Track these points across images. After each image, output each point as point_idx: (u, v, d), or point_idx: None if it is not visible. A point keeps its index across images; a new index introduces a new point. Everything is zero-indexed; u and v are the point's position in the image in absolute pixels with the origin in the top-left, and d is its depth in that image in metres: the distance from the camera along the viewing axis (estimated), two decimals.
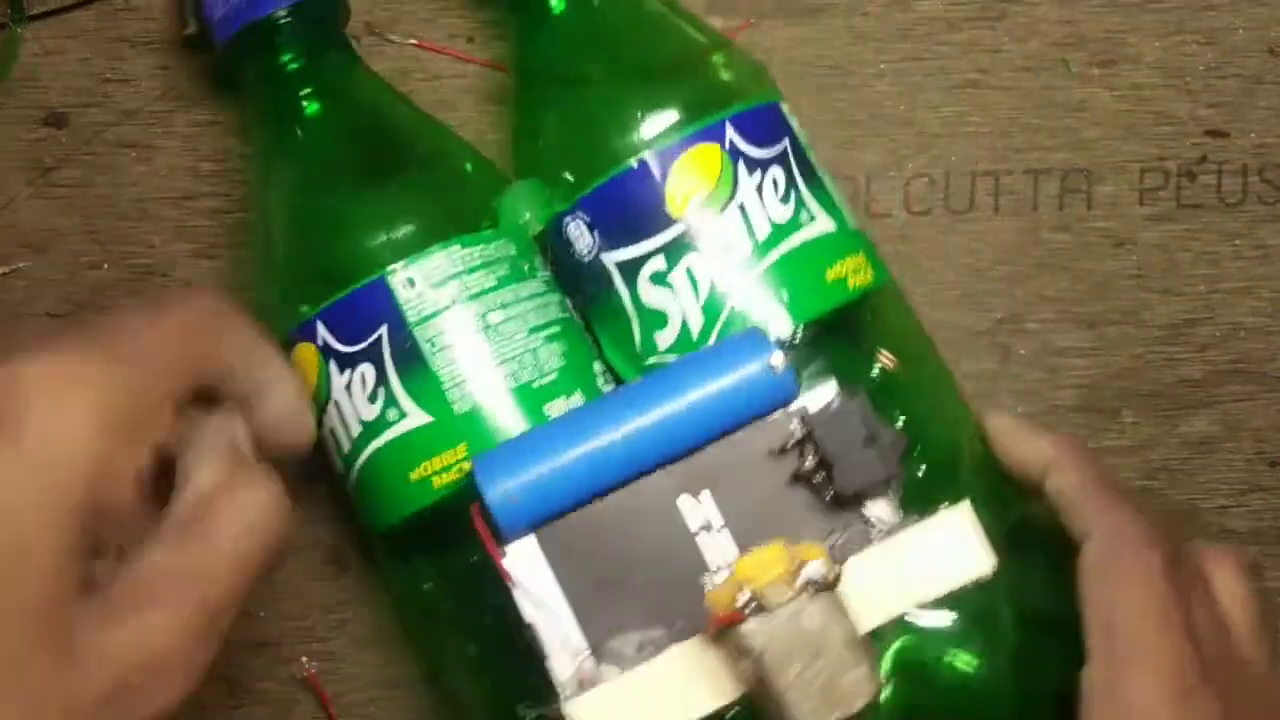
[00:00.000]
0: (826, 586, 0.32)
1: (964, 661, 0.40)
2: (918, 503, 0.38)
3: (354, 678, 0.49)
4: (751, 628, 0.31)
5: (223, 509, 0.33)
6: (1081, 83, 0.50)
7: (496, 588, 0.38)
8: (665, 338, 0.42)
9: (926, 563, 0.36)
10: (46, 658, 0.30)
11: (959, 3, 0.50)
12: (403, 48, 0.49)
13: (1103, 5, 0.50)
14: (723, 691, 0.34)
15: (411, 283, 0.41)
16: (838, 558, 0.35)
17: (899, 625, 0.38)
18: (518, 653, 0.38)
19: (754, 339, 0.38)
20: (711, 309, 0.41)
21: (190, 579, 0.32)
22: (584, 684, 0.35)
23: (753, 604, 0.31)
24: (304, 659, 0.50)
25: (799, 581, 0.31)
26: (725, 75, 0.43)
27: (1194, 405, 0.50)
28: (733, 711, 0.35)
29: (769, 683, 0.31)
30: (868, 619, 0.35)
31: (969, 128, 0.50)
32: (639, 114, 0.41)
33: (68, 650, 0.31)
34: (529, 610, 0.37)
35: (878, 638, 0.37)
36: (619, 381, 0.43)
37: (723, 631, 0.32)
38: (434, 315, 0.41)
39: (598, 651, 0.37)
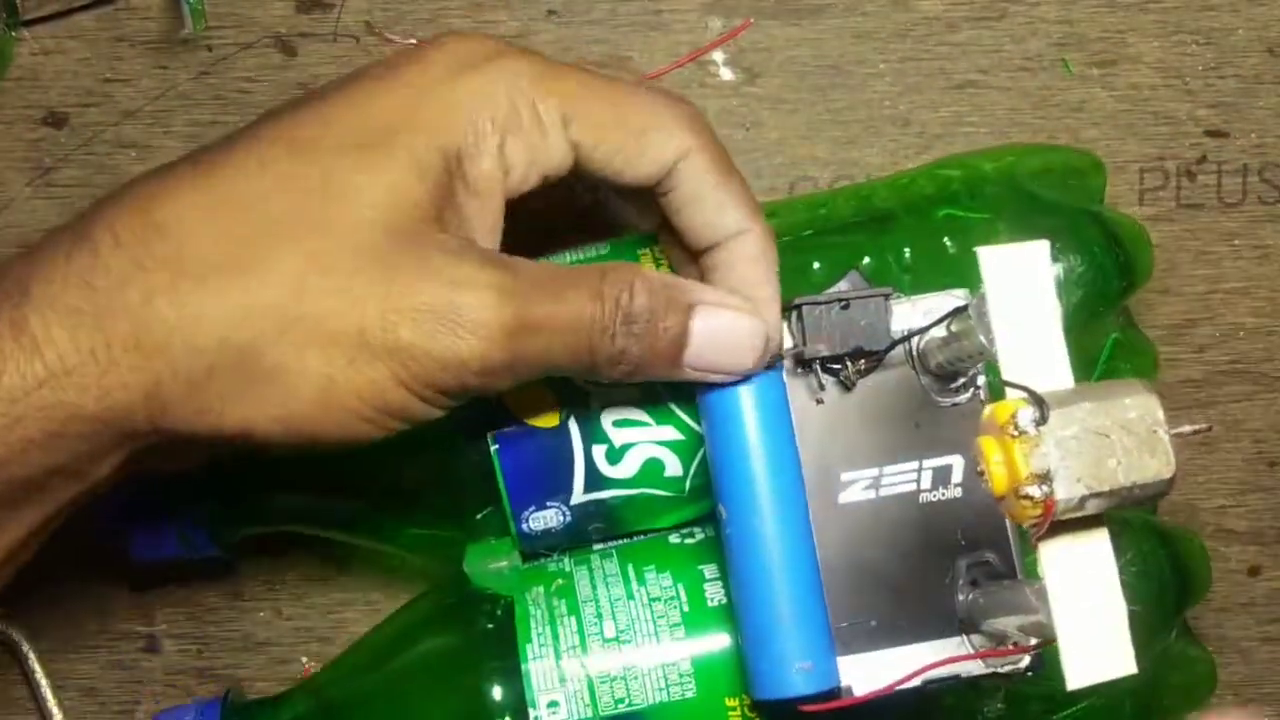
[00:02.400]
0: (1043, 407, 0.31)
1: None
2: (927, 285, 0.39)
3: None
4: (1064, 492, 0.31)
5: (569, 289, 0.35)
6: (1081, 83, 0.50)
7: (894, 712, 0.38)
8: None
9: (1014, 295, 0.34)
10: (408, 246, 0.33)
11: (959, 3, 0.50)
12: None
13: (1102, 5, 0.50)
14: (1102, 539, 0.33)
15: (555, 705, 0.40)
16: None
17: None
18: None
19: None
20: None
21: (542, 296, 0.34)
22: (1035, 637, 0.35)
23: (1040, 485, 0.31)
24: (304, 659, 0.50)
25: (1033, 433, 0.31)
26: None
27: (1193, 405, 0.50)
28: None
29: (1115, 490, 0.31)
30: (1067, 377, 0.34)
31: (968, 128, 0.50)
32: None
33: (422, 251, 0.33)
34: (936, 674, 0.36)
35: None
36: (668, 528, 0.44)
37: (1050, 523, 0.31)
38: (591, 682, 0.41)
39: (968, 631, 0.37)
